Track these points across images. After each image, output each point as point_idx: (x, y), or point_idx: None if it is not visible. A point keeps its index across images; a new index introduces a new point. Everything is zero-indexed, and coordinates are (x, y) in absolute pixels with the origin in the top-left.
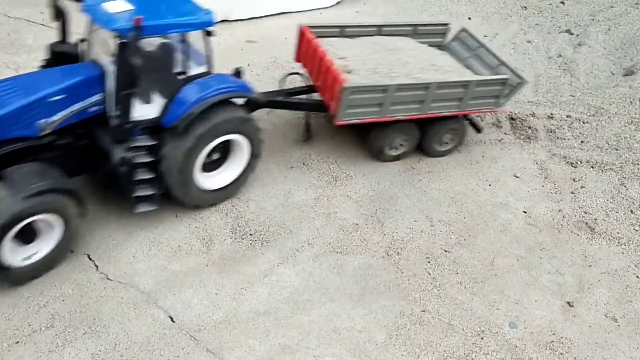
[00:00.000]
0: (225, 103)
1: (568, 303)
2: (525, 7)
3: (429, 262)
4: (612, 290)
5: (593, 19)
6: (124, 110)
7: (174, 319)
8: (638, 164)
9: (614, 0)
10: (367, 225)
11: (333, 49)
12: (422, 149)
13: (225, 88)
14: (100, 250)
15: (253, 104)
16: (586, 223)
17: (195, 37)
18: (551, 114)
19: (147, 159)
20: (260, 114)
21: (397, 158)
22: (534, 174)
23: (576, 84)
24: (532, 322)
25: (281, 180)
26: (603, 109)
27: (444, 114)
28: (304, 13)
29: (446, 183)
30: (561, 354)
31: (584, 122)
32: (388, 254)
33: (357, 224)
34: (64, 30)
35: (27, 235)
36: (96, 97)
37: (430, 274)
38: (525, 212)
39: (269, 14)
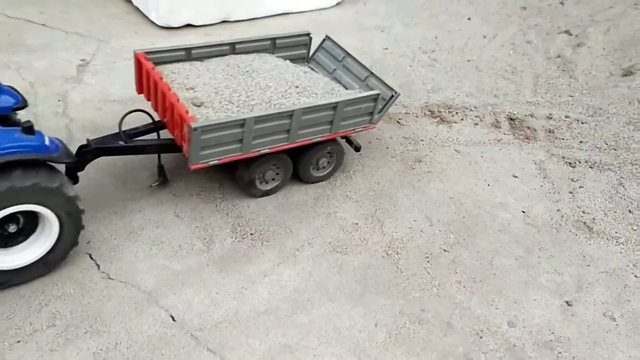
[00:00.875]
0: (25, 164)
1: (567, 302)
2: (524, 7)
3: (428, 261)
4: (610, 290)
5: (592, 20)
6: None
7: (175, 318)
8: (636, 164)
9: (613, 1)
10: (366, 225)
11: (180, 78)
12: (299, 176)
13: (5, 149)
14: (102, 250)
15: (79, 161)
16: (585, 223)
17: None
18: (550, 114)
19: None
20: None
21: (271, 192)
22: (533, 174)
23: (575, 84)
24: (531, 321)
25: None
26: (602, 109)
27: (315, 140)
28: (304, 14)
29: (445, 183)
30: (560, 352)
31: (582, 123)
32: (388, 254)
33: (357, 224)
34: None
35: None
36: None
37: (429, 274)
38: (524, 212)
39: (269, 14)
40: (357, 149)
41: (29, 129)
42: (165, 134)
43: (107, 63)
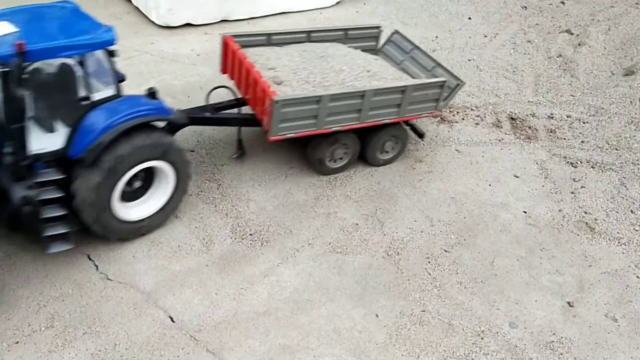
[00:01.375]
0: (141, 127)
1: (568, 303)
2: (525, 7)
3: (429, 262)
4: (612, 290)
5: (593, 19)
6: (17, 145)
7: (174, 319)
8: (638, 164)
9: (614, 0)
10: (367, 225)
11: (261, 59)
12: (364, 158)
13: (137, 112)
14: (100, 250)
15: (175, 125)
16: (586, 223)
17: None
18: (551, 113)
19: (56, 195)
20: None
21: (338, 170)
22: (534, 174)
23: (576, 83)
24: (532, 322)
25: (281, 180)
26: (603, 108)
27: (383, 121)
28: (304, 13)
29: (446, 183)
30: (561, 354)
31: (584, 122)
32: (388, 254)
33: (357, 224)
34: None
35: None
36: None
37: (430, 274)
38: (525, 212)
39: (269, 13)
40: (421, 135)
41: (153, 94)
42: (246, 110)
43: None
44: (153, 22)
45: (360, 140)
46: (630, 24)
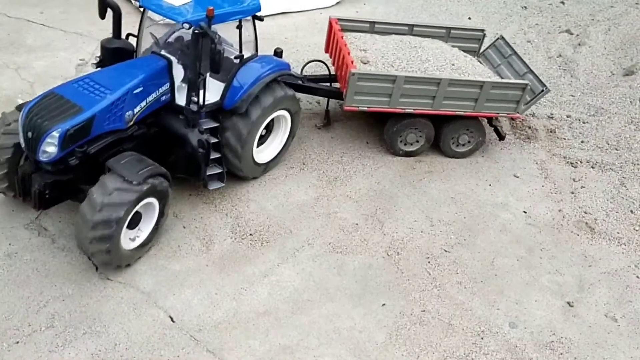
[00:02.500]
0: (273, 82)
1: (568, 303)
2: (525, 7)
3: (429, 262)
4: (612, 290)
5: (593, 19)
6: (198, 96)
7: (174, 319)
8: (638, 164)
9: (614, 0)
10: (367, 225)
11: (358, 42)
12: (439, 147)
13: (274, 68)
14: None
15: (289, 82)
16: (586, 223)
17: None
18: (551, 113)
19: (215, 140)
20: None
21: (410, 154)
22: (534, 174)
23: (576, 83)
24: (532, 322)
25: (281, 180)
26: (603, 108)
27: (457, 113)
28: (304, 13)
29: (446, 183)
30: (561, 354)
31: (584, 122)
32: (388, 254)
33: (357, 224)
34: (117, 27)
35: (133, 220)
36: (164, 87)
37: (430, 274)
38: (525, 212)
39: (269, 13)
40: (502, 137)
41: (280, 54)
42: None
43: None
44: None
45: (434, 128)
46: (630, 24)
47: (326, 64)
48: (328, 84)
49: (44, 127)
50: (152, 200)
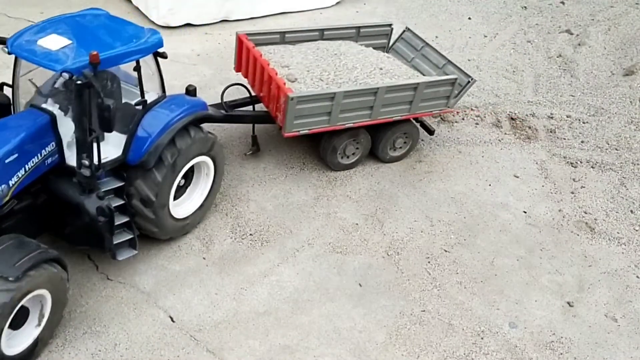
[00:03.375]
0: (189, 125)
1: (568, 303)
2: (525, 7)
3: (429, 262)
4: (612, 290)
5: (593, 19)
6: (91, 157)
7: (174, 319)
8: (638, 164)
9: (614, 0)
10: (367, 225)
11: (275, 57)
12: (375, 155)
13: (187, 110)
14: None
15: (210, 121)
16: (586, 223)
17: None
18: (551, 113)
19: (120, 202)
20: None
21: (349, 166)
22: (534, 174)
23: (576, 83)
24: (532, 322)
25: (281, 180)
26: (603, 108)
27: (395, 118)
28: (304, 13)
29: (446, 183)
30: (561, 354)
31: (584, 122)
32: (388, 254)
33: (357, 224)
34: None
35: (16, 320)
36: (49, 148)
37: (430, 274)
38: (525, 212)
39: (269, 13)
40: (431, 132)
41: (194, 92)
42: (259, 107)
43: None
44: (153, 22)
45: (371, 136)
46: (630, 24)
47: (244, 86)
48: (251, 108)
49: None
50: (43, 291)
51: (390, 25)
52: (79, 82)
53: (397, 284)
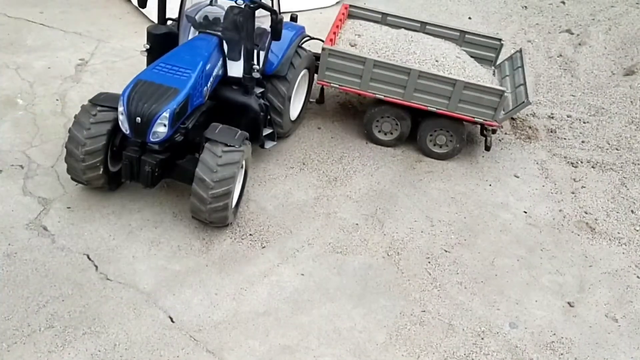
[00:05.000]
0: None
1: (568, 303)
2: (525, 6)
3: (429, 262)
4: (612, 291)
5: (593, 19)
6: (259, 64)
7: (174, 319)
8: (639, 164)
9: (614, 0)
10: (367, 225)
11: (358, 29)
12: (417, 144)
13: (298, 31)
14: (100, 251)
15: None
16: (587, 223)
17: None
18: (552, 113)
19: (265, 103)
20: None
21: (387, 143)
22: (535, 174)
23: (577, 83)
24: (533, 322)
25: (281, 180)
26: (604, 108)
27: (430, 108)
28: (304, 13)
29: (446, 183)
30: (561, 354)
31: (584, 122)
32: (388, 254)
33: (357, 224)
34: (162, 12)
35: None
36: (220, 62)
37: (430, 274)
38: (525, 212)
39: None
40: (488, 148)
41: (295, 19)
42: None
43: (106, 62)
44: (153, 22)
45: (411, 121)
46: (631, 24)
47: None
48: None
49: (152, 110)
50: (243, 161)
51: (500, 40)
52: (252, 5)
53: (397, 284)
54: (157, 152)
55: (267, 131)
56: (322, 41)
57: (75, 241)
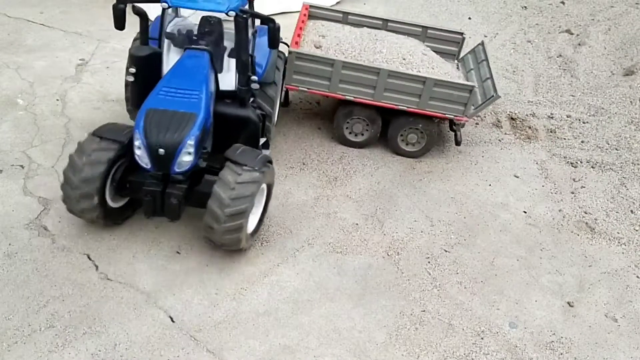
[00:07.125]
0: None
1: (568, 303)
2: (525, 7)
3: (429, 262)
4: (612, 290)
5: (593, 19)
6: (253, 74)
7: (174, 319)
8: (638, 164)
9: (614, 0)
10: (367, 225)
11: (321, 29)
12: (388, 144)
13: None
14: (101, 250)
15: None
16: (586, 223)
17: None
18: (551, 113)
19: (260, 112)
20: None
21: (357, 144)
22: (534, 174)
23: (576, 83)
24: (532, 322)
25: (281, 180)
26: (603, 108)
27: (400, 107)
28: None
29: (446, 183)
30: (561, 354)
31: (584, 122)
32: (388, 254)
33: (357, 224)
34: (145, 33)
35: None
36: (213, 77)
37: (430, 274)
38: (525, 212)
39: (269, 13)
40: (458, 142)
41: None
42: None
43: (106, 62)
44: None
45: (382, 121)
46: (630, 24)
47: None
48: None
49: (176, 139)
50: (263, 185)
51: (462, 34)
52: (244, 16)
53: (397, 284)
54: (180, 182)
55: (262, 140)
56: (288, 45)
57: (75, 241)
